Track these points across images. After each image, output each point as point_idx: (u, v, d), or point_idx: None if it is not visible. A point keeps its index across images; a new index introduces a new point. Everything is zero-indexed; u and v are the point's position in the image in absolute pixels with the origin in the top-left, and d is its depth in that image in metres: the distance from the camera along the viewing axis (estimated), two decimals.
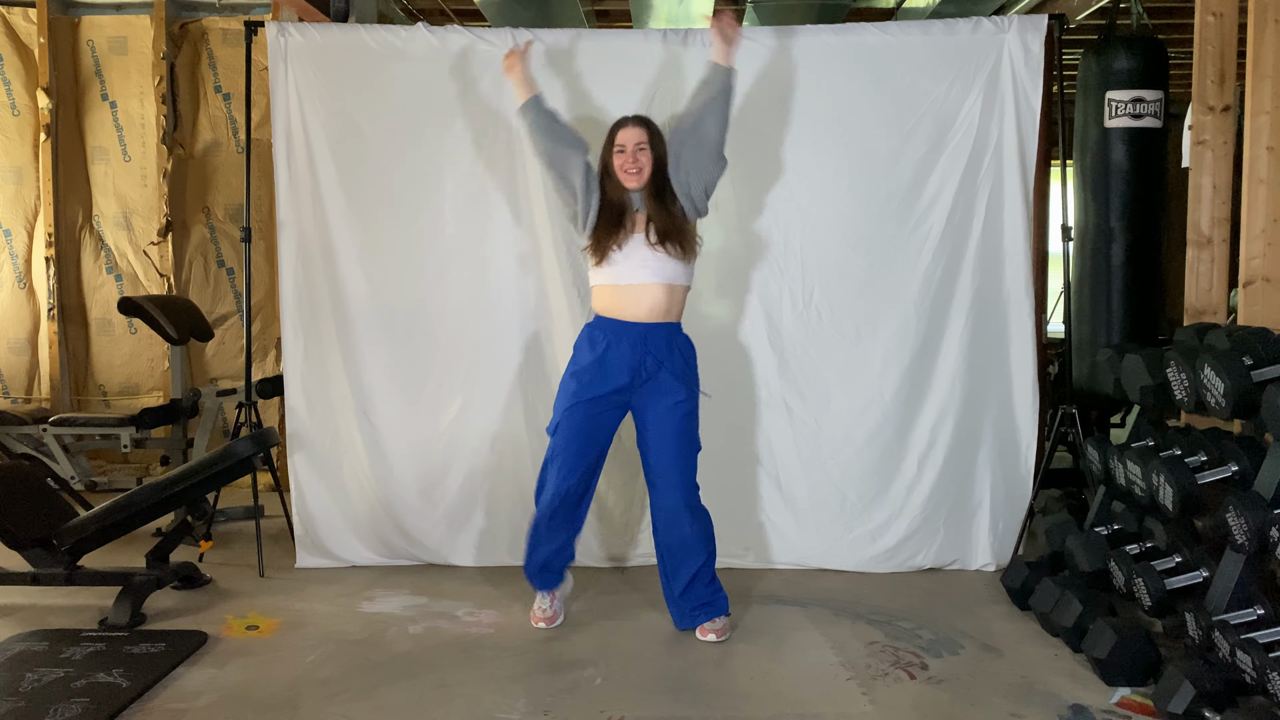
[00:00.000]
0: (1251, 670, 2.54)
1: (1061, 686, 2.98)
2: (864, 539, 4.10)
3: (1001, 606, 3.68)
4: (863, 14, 6.06)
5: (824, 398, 4.10)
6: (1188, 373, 3.03)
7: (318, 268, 4.14)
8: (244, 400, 4.31)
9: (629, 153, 3.34)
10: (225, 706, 2.87)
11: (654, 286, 3.32)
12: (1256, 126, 3.61)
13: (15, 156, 5.75)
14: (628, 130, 3.38)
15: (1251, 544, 2.66)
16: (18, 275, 5.80)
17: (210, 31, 5.71)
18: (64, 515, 3.75)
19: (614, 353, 3.34)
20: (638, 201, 3.39)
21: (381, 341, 4.14)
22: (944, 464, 4.07)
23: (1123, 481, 3.38)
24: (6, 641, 3.29)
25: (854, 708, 2.86)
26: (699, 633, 3.37)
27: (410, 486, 4.17)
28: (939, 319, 4.07)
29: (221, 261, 5.79)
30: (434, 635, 3.43)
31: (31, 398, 5.82)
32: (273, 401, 5.37)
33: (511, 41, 4.02)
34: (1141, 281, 4.54)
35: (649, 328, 3.34)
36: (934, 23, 4.08)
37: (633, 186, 3.37)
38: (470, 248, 4.12)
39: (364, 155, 4.11)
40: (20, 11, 5.71)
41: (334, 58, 4.11)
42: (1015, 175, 4.02)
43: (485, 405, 4.14)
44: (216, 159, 5.74)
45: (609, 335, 3.36)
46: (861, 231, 4.06)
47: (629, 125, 3.39)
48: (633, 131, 3.37)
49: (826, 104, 4.05)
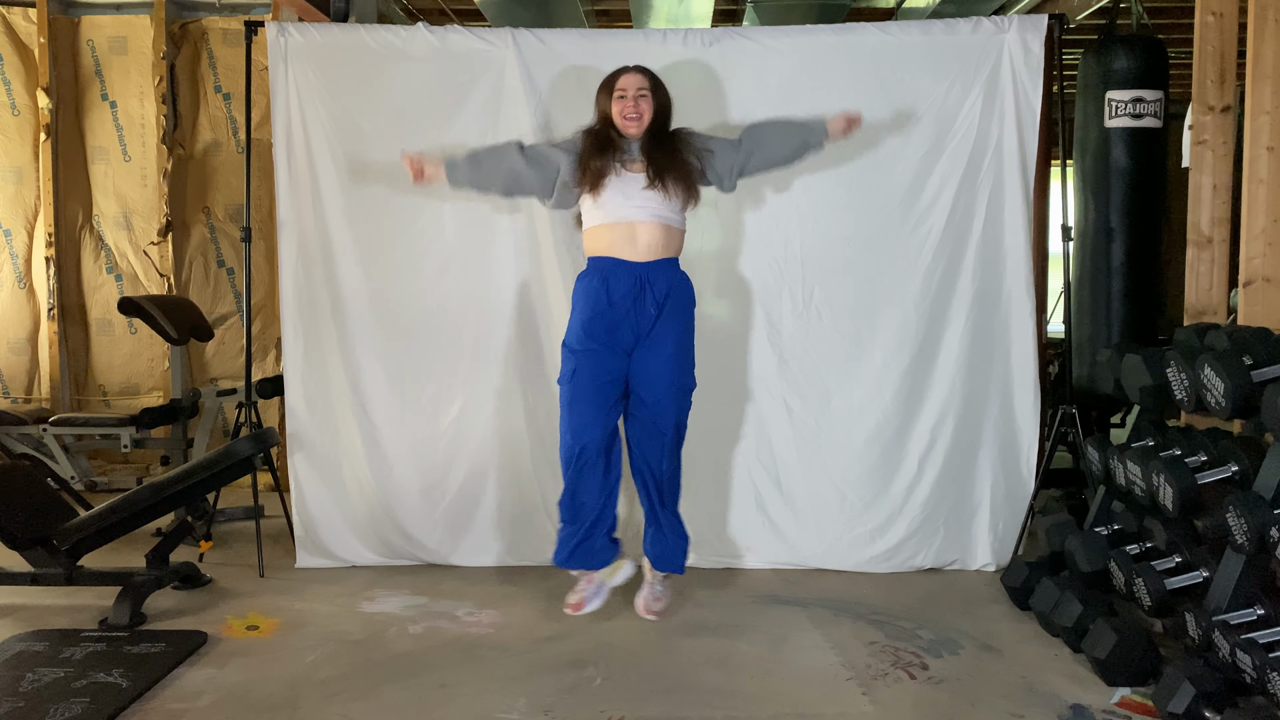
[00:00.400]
0: (1251, 670, 2.54)
1: (1061, 686, 2.98)
2: (864, 539, 4.10)
3: (1001, 606, 3.68)
4: (863, 14, 6.06)
5: (824, 397, 4.10)
6: (1188, 373, 3.03)
7: (318, 268, 4.14)
8: (244, 400, 4.31)
9: (630, 98, 3.30)
10: (225, 706, 2.87)
11: (652, 224, 3.27)
12: (1256, 126, 3.61)
13: (15, 156, 5.75)
14: (629, 75, 3.34)
15: (1251, 544, 2.66)
16: (18, 275, 5.80)
17: (210, 31, 5.71)
18: (64, 515, 3.75)
19: (613, 291, 3.27)
20: (635, 150, 3.34)
21: (381, 341, 4.14)
22: (944, 464, 4.07)
23: (1123, 481, 3.38)
24: (6, 641, 3.29)
25: (854, 708, 2.86)
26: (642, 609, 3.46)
27: (410, 486, 4.16)
28: (939, 319, 4.07)
29: (221, 261, 5.79)
30: (434, 635, 3.43)
31: (31, 398, 5.82)
32: (273, 401, 5.37)
33: (511, 41, 4.02)
34: (1141, 281, 4.54)
35: (647, 266, 3.29)
36: (934, 23, 4.08)
37: (633, 133, 3.32)
38: (470, 248, 4.12)
39: (364, 155, 4.11)
40: (20, 11, 5.71)
41: (334, 58, 4.11)
42: (1015, 175, 4.02)
43: (485, 405, 4.14)
44: (216, 159, 5.74)
45: (606, 274, 3.29)
46: (861, 231, 4.06)
47: (630, 71, 3.35)
48: (634, 77, 3.33)
49: (826, 104, 4.02)
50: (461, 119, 4.08)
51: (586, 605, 3.45)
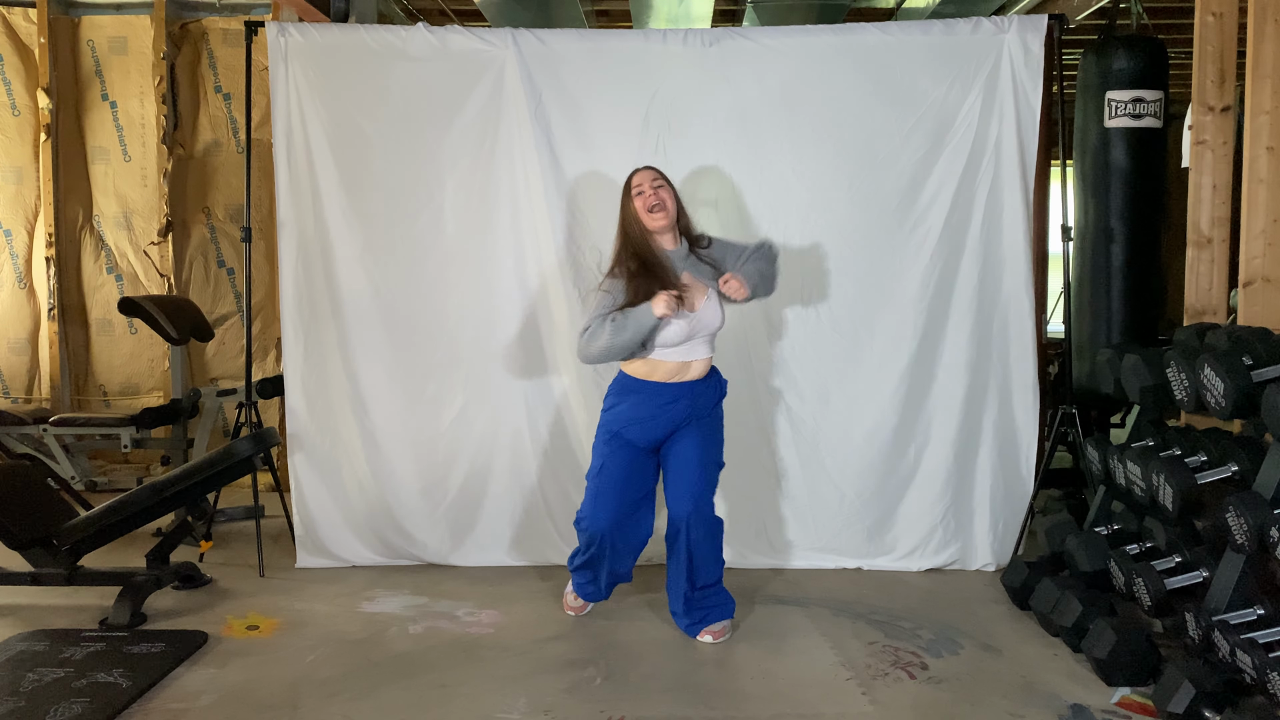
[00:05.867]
0: (1251, 670, 2.54)
1: (1061, 686, 2.98)
2: (863, 538, 4.11)
3: (1001, 606, 3.68)
4: (863, 14, 6.06)
5: (823, 397, 4.10)
6: (1188, 373, 3.03)
7: (318, 268, 4.14)
8: (244, 400, 4.31)
9: (647, 191, 3.32)
10: (225, 706, 2.87)
11: (703, 362, 3.35)
12: (1256, 126, 3.61)
13: (15, 156, 5.75)
14: (640, 173, 3.38)
15: (1251, 544, 2.66)
16: (18, 275, 5.80)
17: (210, 31, 5.71)
18: (64, 515, 3.75)
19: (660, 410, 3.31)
20: (677, 263, 3.34)
21: (381, 341, 4.14)
22: (943, 463, 4.07)
23: (1123, 481, 3.38)
24: (6, 641, 3.29)
25: (854, 708, 2.86)
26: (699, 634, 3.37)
27: (410, 486, 4.17)
28: (938, 318, 4.07)
29: (221, 261, 5.79)
30: (434, 635, 3.43)
31: (32, 398, 5.82)
32: (273, 401, 5.38)
33: (512, 41, 4.02)
34: (1141, 281, 4.54)
35: (695, 385, 3.34)
36: (934, 23, 4.08)
37: (661, 224, 3.31)
38: (470, 248, 4.12)
39: (364, 155, 4.11)
40: (20, 11, 5.71)
41: (334, 58, 4.11)
42: (1015, 175, 4.02)
43: (486, 405, 4.14)
44: (216, 159, 5.74)
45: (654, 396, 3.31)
46: (861, 231, 4.06)
47: (639, 170, 3.39)
48: (645, 173, 3.38)
49: (826, 104, 4.05)
50: (461, 119, 4.08)
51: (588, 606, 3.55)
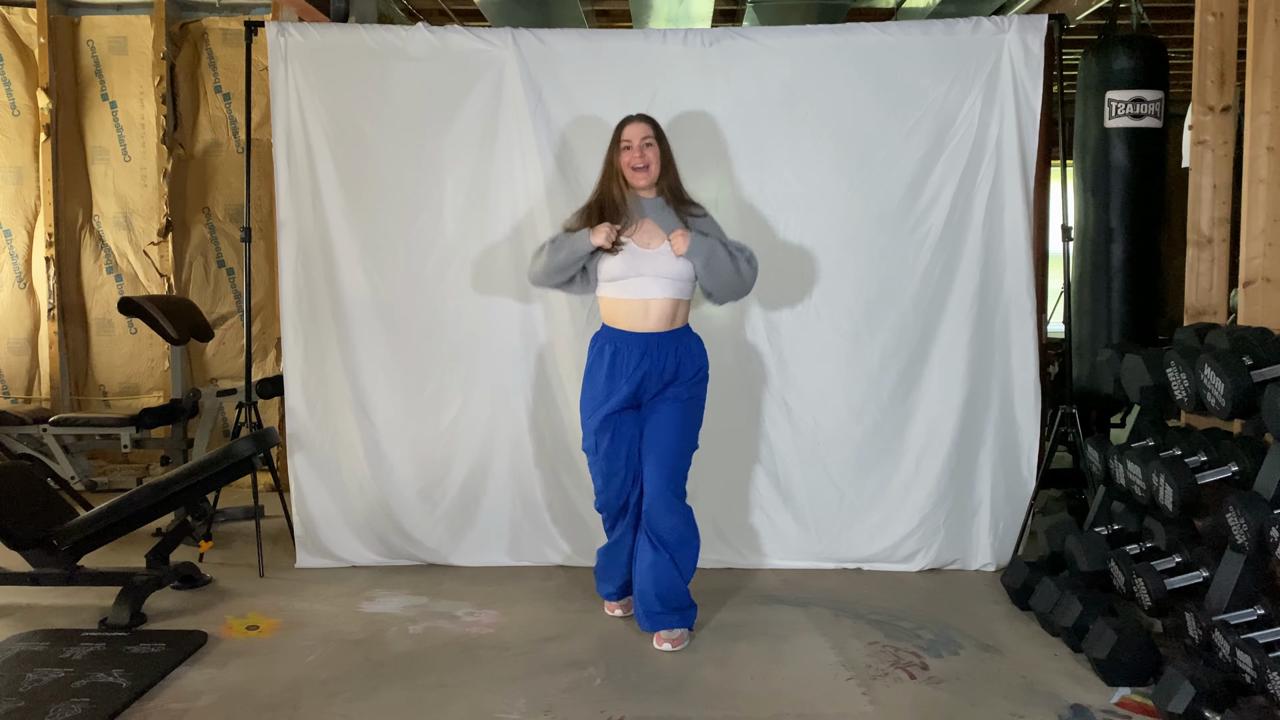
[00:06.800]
0: (1251, 670, 2.53)
1: (1061, 686, 2.98)
2: (863, 538, 4.11)
3: (1001, 606, 3.68)
4: (863, 14, 6.06)
5: (823, 396, 4.10)
6: (1188, 373, 3.03)
7: (318, 268, 4.14)
8: (244, 400, 4.32)
9: (636, 148, 3.32)
10: (225, 706, 2.87)
11: (663, 301, 3.29)
12: (1256, 126, 3.61)
13: (15, 156, 5.75)
14: (633, 125, 3.36)
15: (1251, 544, 2.66)
16: (18, 275, 5.80)
17: (210, 31, 5.71)
18: (64, 515, 3.75)
19: (621, 363, 3.30)
20: (648, 209, 3.35)
21: (381, 341, 4.14)
22: (944, 463, 4.07)
23: (1123, 481, 3.38)
24: (6, 641, 3.29)
25: (854, 708, 2.86)
26: (655, 640, 3.30)
27: (410, 486, 4.17)
28: (938, 318, 4.07)
29: (221, 261, 5.79)
30: (434, 635, 3.43)
31: (31, 398, 5.82)
32: (273, 401, 5.38)
33: (511, 41, 4.02)
34: (1141, 281, 4.54)
35: (661, 337, 3.31)
36: (934, 23, 4.08)
37: (641, 183, 3.34)
38: (470, 248, 4.12)
39: (364, 155, 4.11)
40: (20, 11, 5.71)
41: (334, 58, 4.11)
42: (1015, 175, 4.02)
43: (485, 405, 4.15)
44: (216, 159, 5.74)
45: (615, 345, 3.32)
46: (861, 230, 4.06)
47: (634, 121, 3.37)
48: (638, 126, 3.35)
49: (826, 104, 4.05)
50: (461, 119, 4.08)
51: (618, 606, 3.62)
